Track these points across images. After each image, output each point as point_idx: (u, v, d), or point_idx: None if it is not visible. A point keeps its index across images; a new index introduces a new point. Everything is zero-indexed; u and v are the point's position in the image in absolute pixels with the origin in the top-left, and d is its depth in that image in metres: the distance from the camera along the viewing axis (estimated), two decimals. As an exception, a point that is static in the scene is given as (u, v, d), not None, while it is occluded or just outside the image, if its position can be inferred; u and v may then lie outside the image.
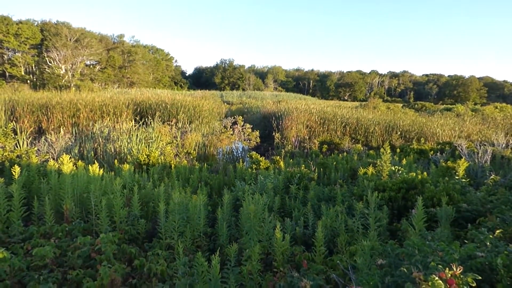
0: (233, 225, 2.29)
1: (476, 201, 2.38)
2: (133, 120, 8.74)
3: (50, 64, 27.27)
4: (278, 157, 4.94)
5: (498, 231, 1.59)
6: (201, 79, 61.90)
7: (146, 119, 8.45)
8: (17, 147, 5.02)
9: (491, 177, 3.12)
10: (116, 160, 4.18)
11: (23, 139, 5.44)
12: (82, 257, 1.66)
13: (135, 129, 6.71)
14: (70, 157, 2.81)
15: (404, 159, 4.34)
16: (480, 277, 0.95)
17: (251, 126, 9.15)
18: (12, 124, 6.08)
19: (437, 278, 0.90)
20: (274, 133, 8.83)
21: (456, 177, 3.12)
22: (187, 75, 64.37)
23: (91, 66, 33.97)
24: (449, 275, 0.92)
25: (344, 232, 2.02)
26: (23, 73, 30.38)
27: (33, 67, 30.58)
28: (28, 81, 29.61)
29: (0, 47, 29.76)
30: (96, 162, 3.14)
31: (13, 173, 2.50)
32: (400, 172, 3.29)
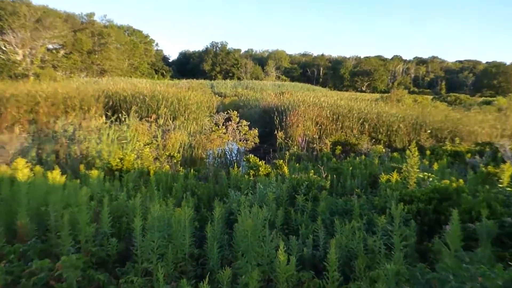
0: (225, 245, 2.28)
1: (524, 215, 2.37)
2: (104, 116, 8.77)
3: (4, 49, 27.22)
4: (282, 161, 4.90)
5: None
6: (187, 66, 61.88)
7: (120, 115, 8.46)
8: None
9: (542, 185, 3.08)
10: (82, 165, 4.19)
11: (-32, 140, 5.43)
12: (38, 285, 1.64)
13: (106, 127, 6.69)
14: (27, 162, 2.76)
15: (436, 163, 4.36)
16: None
17: (248, 123, 9.16)
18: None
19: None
20: (276, 132, 8.87)
21: (499, 186, 3.11)
22: (170, 61, 64.38)
23: (54, 51, 33.92)
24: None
25: (362, 253, 2.01)
26: (-30, 60, 30.20)
27: (-17, 53, 30.42)
28: (-23, 70, 29.43)
29: None
30: (57, 167, 3.10)
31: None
32: (430, 179, 3.31)
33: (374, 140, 8.69)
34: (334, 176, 4.11)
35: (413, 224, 2.28)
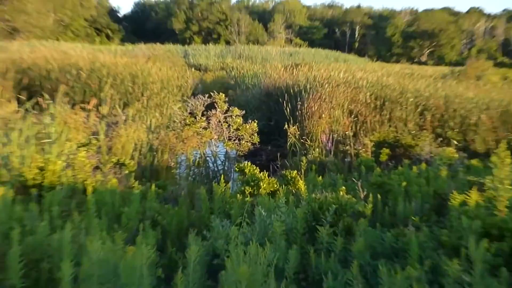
0: (206, 306, 2.22)
1: None
2: (15, 100, 8.80)
3: None
4: (295, 172, 4.91)
5: None
6: (147, 25, 62.17)
7: (41, 99, 8.47)
8: None
9: None
10: (-24, 179, 4.10)
11: None
12: None
13: (18, 118, 6.74)
14: None
15: (540, 176, 4.39)
16: None
17: (243, 112, 9.17)
18: None
19: None
20: (287, 126, 8.91)
21: None
22: (120, 16, 64.60)
23: None
24: None
25: (425, 320, 1.95)
26: None
27: None
28: None
29: None
30: None
31: None
32: (532, 201, 3.28)
33: (440, 139, 8.72)
34: (379, 196, 4.12)
35: (505, 273, 2.28)
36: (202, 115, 9.21)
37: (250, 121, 9.11)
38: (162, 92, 11.61)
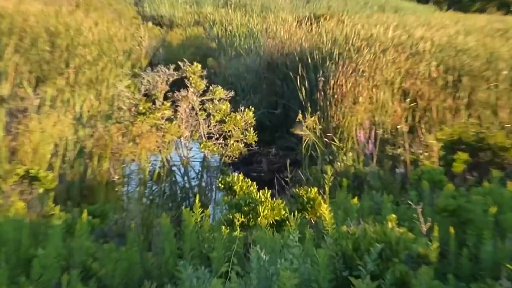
0: None
1: None
2: None
3: None
4: (315, 189, 4.79)
5: None
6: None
7: None
8: None
9: None
10: None
11: None
12: None
13: None
14: None
15: None
16: None
17: (231, 93, 8.44)
18: None
19: None
20: (301, 117, 8.56)
21: None
22: None
23: None
24: None
25: None
26: None
27: None
28: None
29: None
30: None
31: None
32: None
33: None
34: (451, 229, 3.93)
35: None
36: (165, 98, 8.38)
37: (242, 108, 8.30)
38: (100, 61, 10.90)
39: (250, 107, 8.35)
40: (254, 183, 4.77)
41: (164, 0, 27.45)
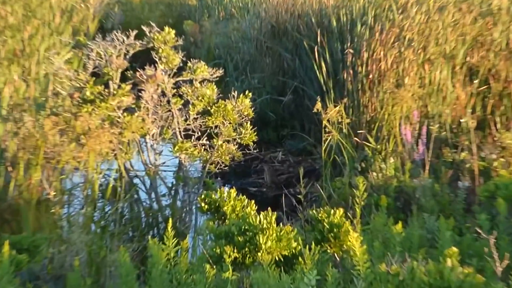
0: None
1: None
2: None
3: None
4: (341, 211, 4.49)
5: None
6: None
7: None
8: None
9: None
10: None
11: None
12: None
13: None
14: None
15: None
16: None
17: (218, 71, 7.68)
18: None
19: None
20: (320, 106, 7.79)
21: None
22: None
23: None
24: None
25: None
26: None
27: None
28: None
29: None
30: None
31: None
32: None
33: None
34: None
35: None
36: (124, 79, 7.60)
37: (235, 93, 7.43)
38: (28, 24, 10.46)
39: (247, 92, 7.35)
40: (253, 202, 4.29)
41: None
